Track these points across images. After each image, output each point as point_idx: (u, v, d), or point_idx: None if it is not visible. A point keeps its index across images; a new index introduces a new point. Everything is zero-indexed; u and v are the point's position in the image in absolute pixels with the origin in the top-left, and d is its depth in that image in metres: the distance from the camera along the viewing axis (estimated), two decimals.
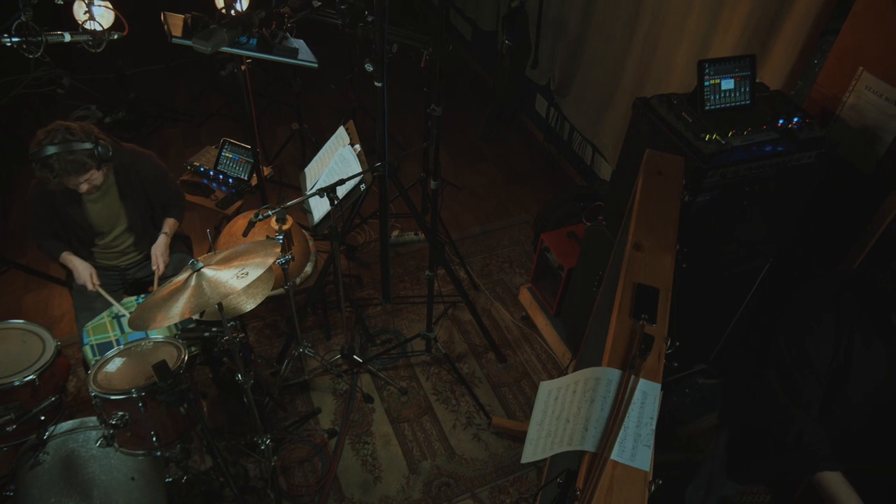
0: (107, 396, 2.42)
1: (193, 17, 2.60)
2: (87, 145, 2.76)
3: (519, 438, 3.43)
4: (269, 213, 2.67)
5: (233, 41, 2.60)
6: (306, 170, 3.45)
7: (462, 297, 3.65)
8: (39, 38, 2.31)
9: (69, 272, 3.19)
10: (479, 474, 3.30)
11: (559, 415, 1.60)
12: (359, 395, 3.57)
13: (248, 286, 2.53)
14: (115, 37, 2.61)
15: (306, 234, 3.59)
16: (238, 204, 3.78)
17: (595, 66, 4.37)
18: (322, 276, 3.43)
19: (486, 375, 3.73)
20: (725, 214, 2.56)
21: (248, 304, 2.76)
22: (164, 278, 3.12)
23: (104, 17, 3.03)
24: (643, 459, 1.47)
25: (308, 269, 3.50)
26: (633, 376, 1.59)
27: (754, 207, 2.65)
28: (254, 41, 2.77)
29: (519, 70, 2.64)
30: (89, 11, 2.50)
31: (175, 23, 2.64)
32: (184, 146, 5.28)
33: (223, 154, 3.86)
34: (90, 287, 3.02)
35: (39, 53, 2.34)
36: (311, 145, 4.62)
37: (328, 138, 4.91)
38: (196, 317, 2.76)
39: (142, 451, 2.57)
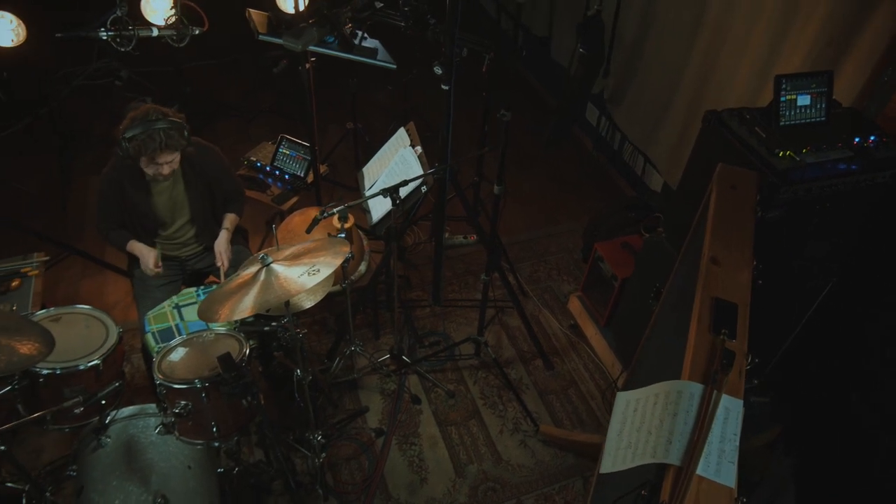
0: (171, 385, 2.45)
1: (277, 15, 2.63)
2: (180, 124, 2.85)
3: (566, 447, 3.41)
4: (334, 210, 2.70)
5: (320, 39, 2.61)
6: (364, 169, 3.47)
7: (514, 303, 3.65)
8: (132, 33, 2.36)
9: (131, 260, 3.25)
10: (526, 481, 3.28)
11: (639, 426, 1.59)
12: (406, 396, 3.58)
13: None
14: (197, 32, 2.65)
15: (361, 233, 3.62)
16: (293, 200, 3.82)
17: (651, 75, 4.33)
18: (377, 275, 3.45)
19: (534, 382, 3.72)
20: (797, 231, 2.52)
21: (308, 302, 2.79)
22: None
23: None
24: (728, 475, 1.45)
25: (362, 268, 3.53)
26: (715, 391, 1.58)
27: (822, 224, 2.61)
28: (335, 40, 2.79)
29: (590, 79, 2.63)
30: (176, 7, 2.54)
31: (260, 20, 2.68)
32: (235, 141, 5.34)
33: (280, 150, 3.90)
34: (153, 267, 3.06)
35: (130, 47, 2.39)
36: (364, 145, 4.64)
37: (380, 139, 4.96)
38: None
39: (201, 441, 2.60)
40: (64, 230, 4.47)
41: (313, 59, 3.38)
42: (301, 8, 3.77)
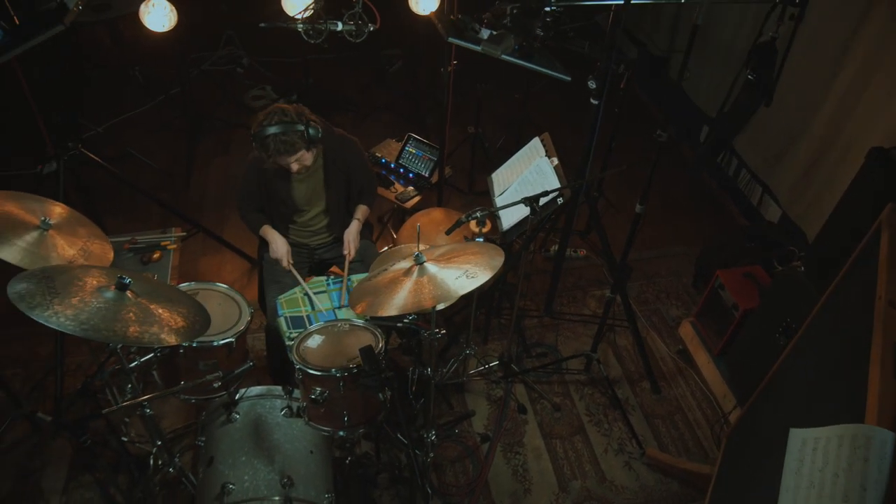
0: (310, 371, 2.51)
1: (461, 19, 2.68)
2: (299, 127, 2.87)
3: (672, 474, 3.36)
4: (478, 214, 2.72)
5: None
6: (493, 175, 3.49)
7: (629, 323, 3.61)
8: (322, 26, 2.44)
9: (262, 244, 3.35)
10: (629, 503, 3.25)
11: (822, 467, 1.55)
12: (513, 404, 3.58)
13: None
14: (372, 28, 2.72)
15: None
16: (416, 199, 3.87)
17: (782, 103, 4.21)
18: (499, 281, 3.47)
19: (640, 404, 3.67)
20: None
21: (441, 304, 2.82)
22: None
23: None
24: None
25: None
26: None
27: None
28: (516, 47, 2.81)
29: (754, 106, 2.59)
30: (357, 4, 2.62)
31: (444, 25, 2.72)
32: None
33: (406, 149, 3.96)
34: (284, 265, 3.16)
35: (321, 40, 2.48)
36: (484, 150, 4.67)
37: (497, 145, 4.98)
38: None
39: (329, 429, 2.66)
40: (186, 208, 4.65)
41: (455, 62, 3.42)
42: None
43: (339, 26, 2.69)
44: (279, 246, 3.18)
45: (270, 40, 6.27)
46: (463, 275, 2.21)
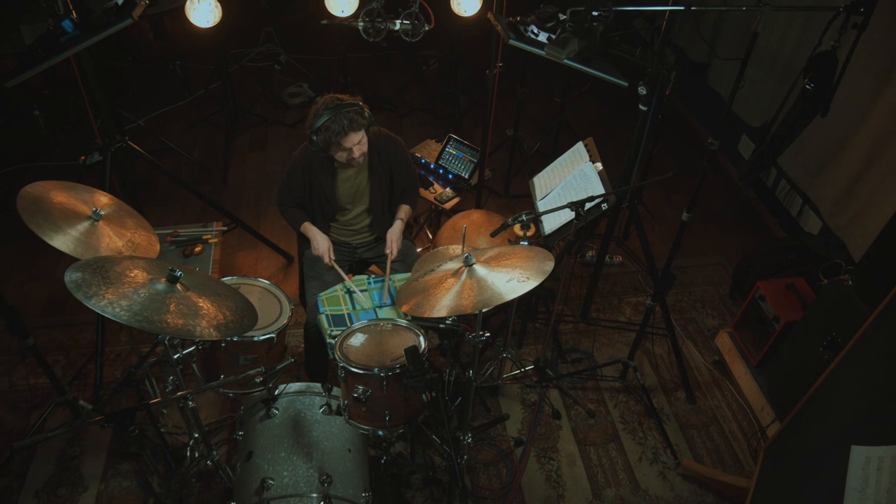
0: (354, 369, 2.52)
1: (521, 21, 2.67)
2: (358, 106, 2.93)
3: (707, 485, 3.32)
4: (523, 218, 2.71)
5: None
6: (535, 179, 3.48)
7: (668, 331, 3.58)
8: (381, 25, 2.45)
9: (302, 240, 3.37)
10: None
11: (889, 487, 1.52)
12: (547, 409, 3.57)
13: None
14: (427, 28, 2.73)
15: None
16: (455, 201, 3.87)
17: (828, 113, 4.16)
18: (539, 285, 3.44)
19: (675, 414, 3.64)
20: None
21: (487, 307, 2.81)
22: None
23: None
24: None
25: None
26: None
27: None
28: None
29: (809, 117, 2.55)
30: (414, 4, 2.62)
31: (500, 27, 2.72)
32: None
33: (447, 150, 3.96)
34: (326, 261, 3.17)
35: (380, 38, 2.48)
36: (522, 153, 4.66)
37: (533, 148, 4.97)
38: None
39: (369, 427, 2.65)
40: (223, 202, 4.68)
41: (500, 64, 3.41)
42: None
43: (397, 25, 2.70)
44: (320, 242, 3.19)
45: (308, 38, 6.34)
46: (514, 278, 2.20)
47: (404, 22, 2.69)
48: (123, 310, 2.07)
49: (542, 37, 2.77)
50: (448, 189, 3.89)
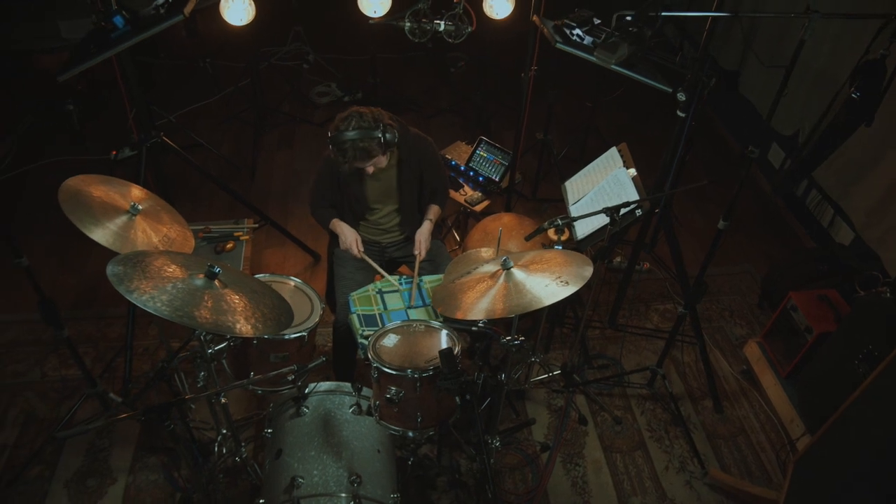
0: (387, 370, 2.51)
1: (565, 23, 2.67)
2: (376, 134, 2.86)
3: (735, 497, 3.29)
4: (559, 222, 2.70)
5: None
6: (567, 183, 3.47)
7: (697, 339, 3.56)
8: (427, 26, 2.45)
9: (331, 240, 3.37)
10: None
11: None
12: (574, 415, 3.55)
13: None
14: (470, 30, 2.73)
15: None
16: (485, 203, 3.86)
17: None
18: None
19: (701, 423, 3.61)
20: None
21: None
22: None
23: None
24: None
25: None
26: None
27: None
28: None
29: (853, 126, 2.53)
30: (459, 5, 2.62)
31: (547, 30, 2.71)
32: None
33: (477, 152, 3.95)
34: (355, 252, 3.17)
35: (425, 39, 2.48)
36: (551, 157, 4.64)
37: (561, 152, 4.95)
38: None
39: (399, 428, 2.65)
40: (251, 200, 4.70)
41: (535, 67, 3.40)
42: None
43: (442, 26, 2.69)
44: (347, 235, 3.18)
45: (336, 38, 6.36)
46: (554, 283, 2.19)
47: (448, 23, 2.69)
48: (164, 305, 2.08)
49: (587, 41, 2.75)
50: (478, 192, 3.88)
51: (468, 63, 6.14)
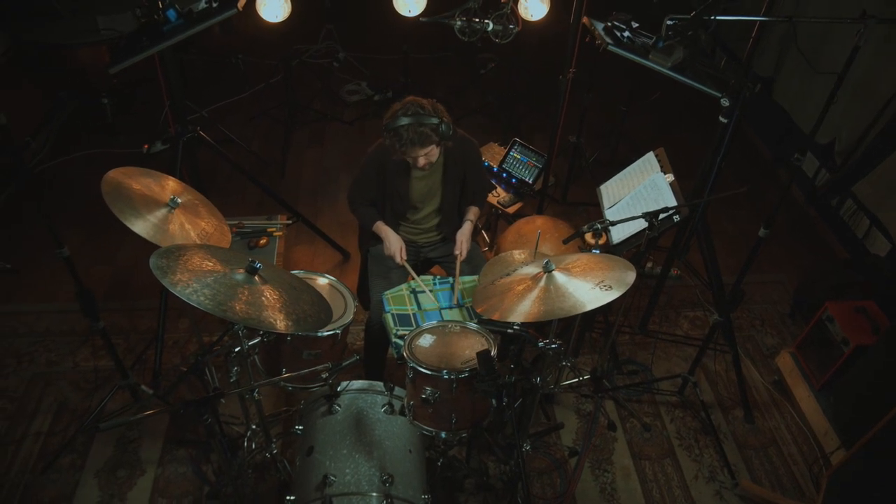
0: (423, 370, 2.50)
1: (614, 25, 2.65)
2: (434, 120, 2.86)
3: None
4: (598, 226, 2.68)
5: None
6: (602, 187, 3.44)
7: (730, 348, 3.52)
8: (476, 25, 2.44)
9: (363, 237, 3.36)
10: None
11: None
12: (602, 420, 3.52)
13: None
14: (516, 30, 2.71)
15: None
16: (518, 205, 3.84)
17: None
18: None
19: (732, 433, 3.57)
20: None
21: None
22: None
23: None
24: None
25: None
26: None
27: None
28: None
29: None
30: (507, 5, 2.61)
31: (598, 31, 2.70)
32: None
33: (511, 154, 3.93)
34: (398, 260, 3.16)
35: (475, 38, 2.47)
36: (582, 160, 4.61)
37: (593, 156, 4.92)
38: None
39: (432, 429, 2.64)
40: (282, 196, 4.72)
41: (573, 70, 3.38)
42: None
43: (490, 26, 2.68)
44: (393, 242, 3.17)
45: (367, 37, 6.36)
46: (597, 287, 2.17)
47: (496, 23, 2.68)
48: (207, 298, 2.09)
49: (638, 43, 2.73)
50: (510, 193, 3.87)
51: (498, 65, 6.11)
